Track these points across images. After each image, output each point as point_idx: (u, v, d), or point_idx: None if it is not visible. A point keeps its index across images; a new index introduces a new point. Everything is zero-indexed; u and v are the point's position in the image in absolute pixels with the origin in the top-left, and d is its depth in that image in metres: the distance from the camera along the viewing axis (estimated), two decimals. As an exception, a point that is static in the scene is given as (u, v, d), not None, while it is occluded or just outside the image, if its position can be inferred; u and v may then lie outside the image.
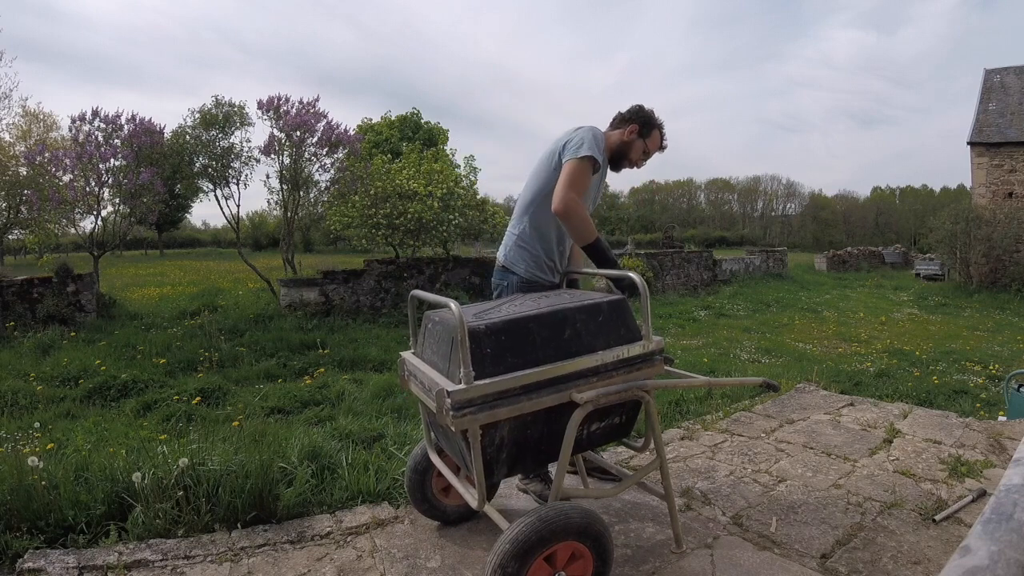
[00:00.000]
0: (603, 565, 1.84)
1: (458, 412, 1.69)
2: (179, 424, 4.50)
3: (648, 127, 2.63)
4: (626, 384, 1.94)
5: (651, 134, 2.64)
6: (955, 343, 9.48)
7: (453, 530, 2.43)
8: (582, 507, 1.81)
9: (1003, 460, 3.01)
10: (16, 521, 2.34)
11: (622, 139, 2.62)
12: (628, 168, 2.69)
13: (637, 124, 2.61)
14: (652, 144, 2.66)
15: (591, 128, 2.51)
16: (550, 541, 1.71)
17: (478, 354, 1.75)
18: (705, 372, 6.83)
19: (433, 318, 2.05)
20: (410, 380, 2.09)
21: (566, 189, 2.31)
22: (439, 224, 11.03)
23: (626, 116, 2.65)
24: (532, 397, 1.81)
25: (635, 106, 2.66)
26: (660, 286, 15.01)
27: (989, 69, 20.50)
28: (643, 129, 2.62)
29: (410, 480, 2.39)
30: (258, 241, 38.33)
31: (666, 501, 2.18)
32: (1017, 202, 17.84)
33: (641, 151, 2.64)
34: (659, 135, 2.68)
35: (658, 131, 2.67)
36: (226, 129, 10.36)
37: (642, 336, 2.06)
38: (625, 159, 2.64)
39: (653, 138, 2.66)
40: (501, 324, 1.83)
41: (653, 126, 2.65)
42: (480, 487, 1.85)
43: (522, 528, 1.69)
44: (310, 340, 7.98)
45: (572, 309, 1.96)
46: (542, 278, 2.55)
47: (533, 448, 1.94)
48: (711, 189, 70.67)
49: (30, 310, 8.35)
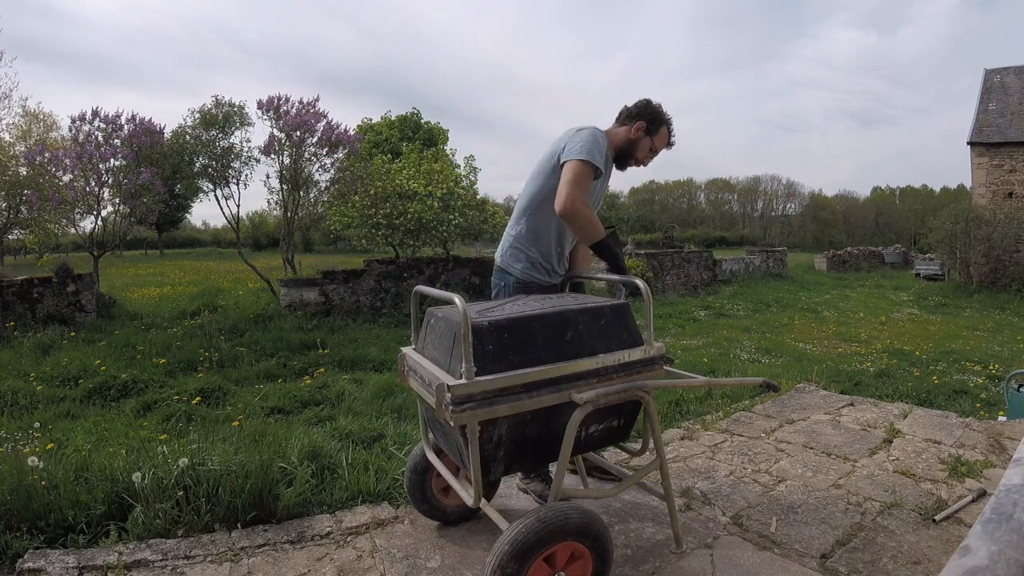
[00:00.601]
0: (603, 565, 1.83)
1: (457, 407, 1.69)
2: (179, 424, 4.50)
3: (655, 123, 2.52)
4: (626, 384, 1.94)
5: (658, 131, 2.54)
6: (955, 343, 9.48)
7: (453, 530, 2.43)
8: (581, 507, 1.80)
9: (1003, 460, 3.01)
10: (16, 521, 2.34)
11: (628, 137, 2.53)
12: (634, 167, 2.60)
13: (644, 121, 2.51)
14: (659, 141, 2.56)
15: (592, 131, 2.41)
16: (549, 542, 1.71)
17: (480, 350, 1.75)
18: (705, 372, 6.83)
19: (436, 314, 2.05)
20: (410, 375, 2.09)
21: (571, 189, 2.24)
22: (439, 224, 11.03)
23: (633, 112, 2.54)
24: (532, 396, 1.81)
25: (642, 101, 2.55)
26: (660, 286, 15.01)
27: (989, 69, 20.50)
28: (650, 126, 2.52)
29: (410, 480, 2.39)
30: (258, 241, 38.33)
31: (666, 501, 2.18)
32: (1017, 202, 17.85)
33: (648, 149, 2.54)
34: (667, 132, 2.57)
35: (666, 128, 2.56)
36: (226, 129, 10.36)
37: (643, 341, 2.06)
38: (631, 157, 2.55)
39: (660, 135, 2.55)
40: (505, 322, 1.83)
41: (661, 122, 2.53)
42: (476, 484, 1.85)
43: (521, 529, 1.69)
44: (310, 340, 7.98)
45: (575, 311, 1.96)
46: (539, 279, 2.53)
47: (531, 447, 1.95)
48: (711, 189, 70.66)
49: (30, 310, 8.35)
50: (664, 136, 2.57)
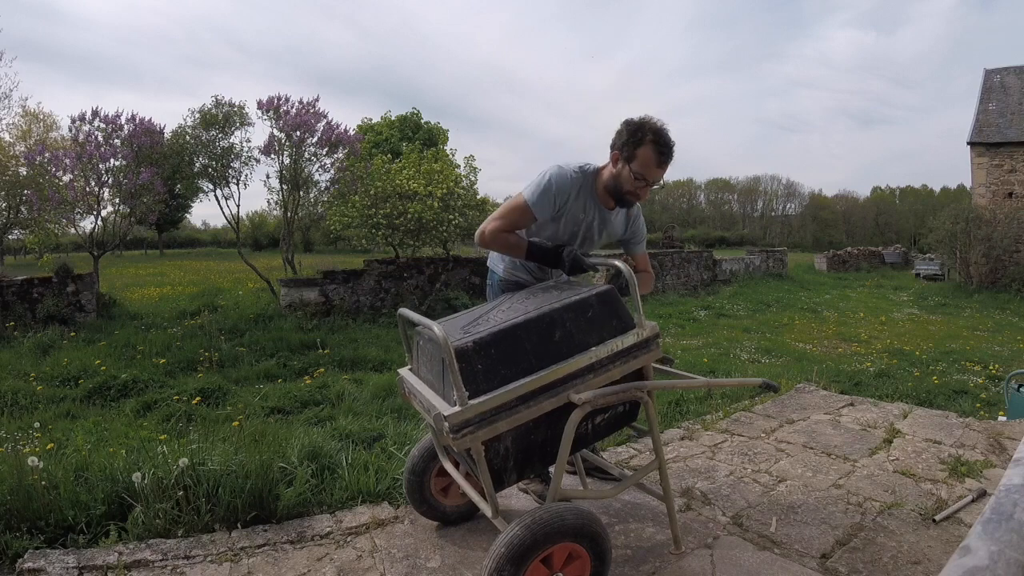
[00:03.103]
0: (601, 565, 1.83)
1: (458, 434, 1.69)
2: (179, 424, 4.50)
3: (631, 145, 2.14)
4: (624, 386, 1.92)
5: (636, 154, 2.14)
6: (955, 343, 9.48)
7: (453, 530, 2.43)
8: (578, 508, 1.80)
9: (1003, 460, 3.01)
10: (16, 521, 2.34)
11: (611, 173, 2.24)
12: (633, 200, 2.28)
13: (616, 149, 2.19)
14: (643, 166, 2.14)
15: (550, 171, 2.27)
16: (545, 543, 1.70)
17: (470, 372, 1.74)
18: (705, 372, 6.83)
19: (424, 335, 2.03)
20: (411, 398, 2.09)
21: (488, 220, 2.35)
22: (439, 224, 11.03)
23: (613, 141, 2.23)
24: (530, 405, 1.79)
25: (621, 124, 2.20)
26: (660, 286, 15.01)
27: (989, 69, 20.51)
28: (624, 151, 2.16)
29: (409, 482, 2.39)
30: (258, 241, 38.33)
31: (665, 502, 2.17)
32: (1017, 202, 17.85)
33: (631, 180, 2.17)
34: (651, 152, 2.13)
35: (650, 147, 2.13)
36: (226, 129, 10.36)
37: (635, 324, 2.01)
38: (623, 194, 2.24)
39: (642, 158, 2.14)
40: (489, 338, 1.80)
41: (637, 143, 2.13)
42: (492, 499, 1.86)
43: (518, 531, 1.68)
44: (310, 340, 7.98)
45: (560, 309, 1.92)
46: (521, 278, 2.55)
47: (539, 451, 1.94)
48: (711, 189, 70.66)
49: (30, 310, 8.35)
50: (647, 159, 2.14)
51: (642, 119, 2.16)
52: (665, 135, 2.15)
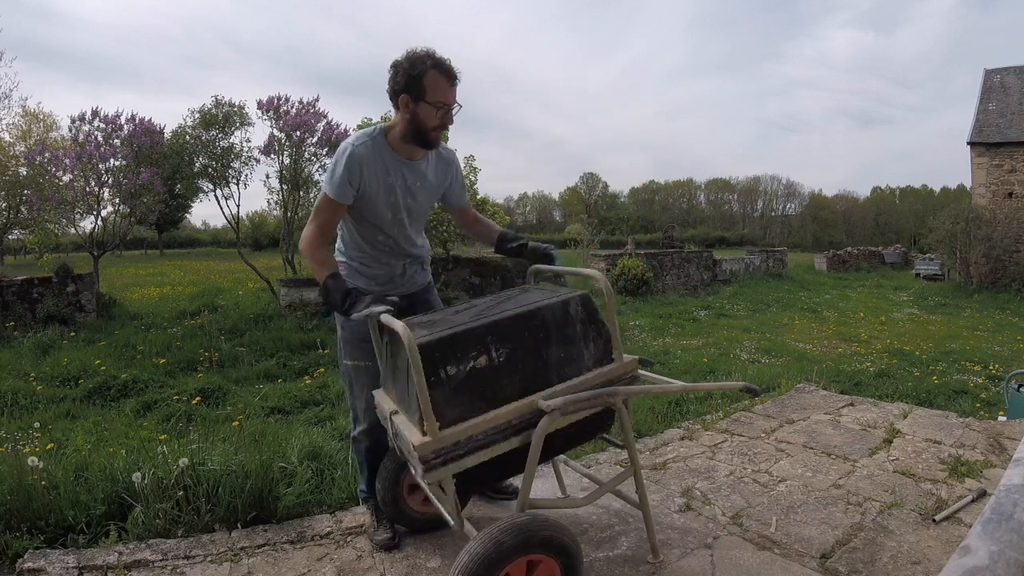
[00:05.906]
0: (572, 572, 1.77)
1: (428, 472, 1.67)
2: (179, 424, 4.50)
3: (415, 80, 1.99)
4: (597, 392, 1.85)
5: (424, 85, 1.99)
6: (955, 343, 9.49)
7: (453, 530, 2.42)
8: (545, 518, 1.73)
9: (1003, 460, 3.01)
10: (16, 521, 2.34)
11: (405, 118, 2.07)
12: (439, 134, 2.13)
13: (404, 93, 2.02)
14: (436, 92, 2.01)
15: (338, 152, 2.13)
16: (512, 555, 1.64)
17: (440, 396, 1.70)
18: (705, 372, 6.83)
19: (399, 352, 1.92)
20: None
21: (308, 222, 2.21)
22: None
23: (390, 91, 2.06)
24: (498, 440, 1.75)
25: (391, 68, 2.04)
26: (660, 286, 15.02)
27: (989, 69, 20.52)
28: (412, 90, 2.01)
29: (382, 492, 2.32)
30: (258, 241, 38.30)
31: (641, 510, 2.11)
32: (1017, 202, 17.87)
33: (432, 113, 2.03)
34: (437, 74, 2.00)
35: (434, 71, 1.99)
36: (226, 129, 10.38)
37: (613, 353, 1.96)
38: (428, 133, 2.09)
39: (431, 86, 2.00)
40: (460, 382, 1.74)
41: (421, 75, 1.98)
42: (453, 515, 1.83)
43: (482, 543, 1.62)
44: (310, 340, 7.99)
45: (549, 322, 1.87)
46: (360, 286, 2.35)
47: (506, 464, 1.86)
48: (711, 189, 70.75)
49: (30, 310, 8.36)
50: (438, 83, 2.01)
51: (408, 54, 2.03)
52: (439, 56, 2.05)
